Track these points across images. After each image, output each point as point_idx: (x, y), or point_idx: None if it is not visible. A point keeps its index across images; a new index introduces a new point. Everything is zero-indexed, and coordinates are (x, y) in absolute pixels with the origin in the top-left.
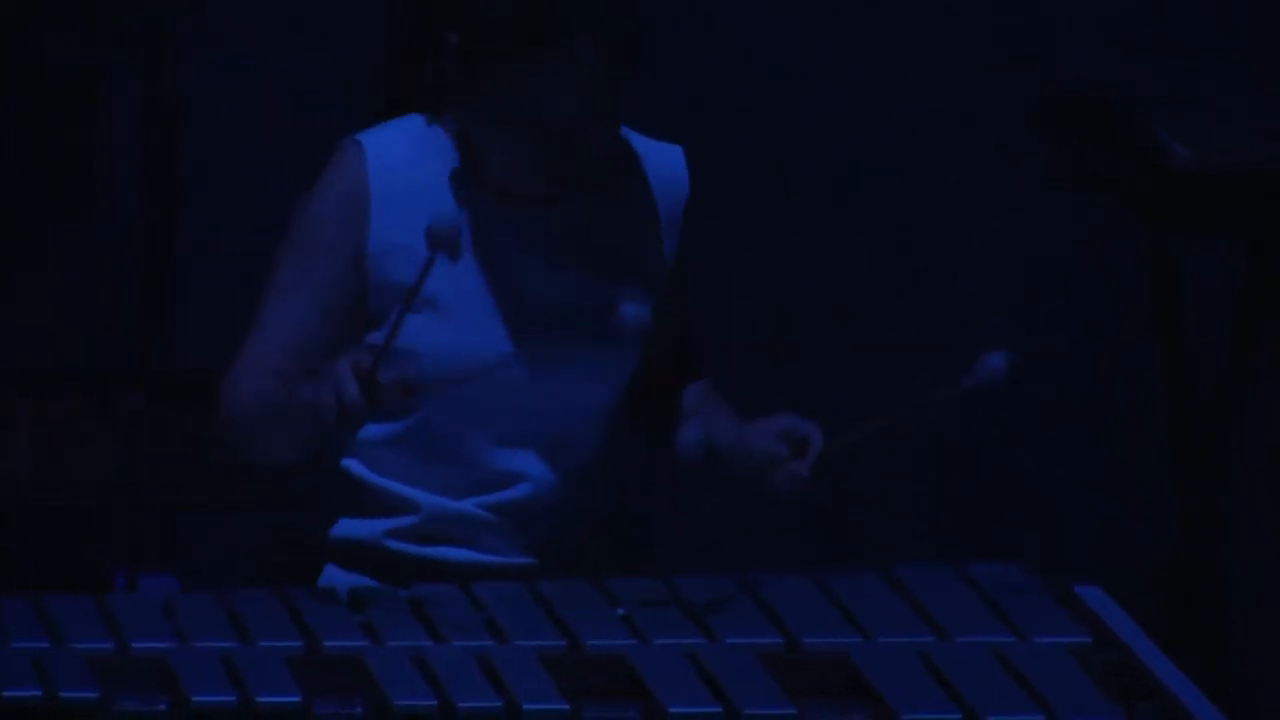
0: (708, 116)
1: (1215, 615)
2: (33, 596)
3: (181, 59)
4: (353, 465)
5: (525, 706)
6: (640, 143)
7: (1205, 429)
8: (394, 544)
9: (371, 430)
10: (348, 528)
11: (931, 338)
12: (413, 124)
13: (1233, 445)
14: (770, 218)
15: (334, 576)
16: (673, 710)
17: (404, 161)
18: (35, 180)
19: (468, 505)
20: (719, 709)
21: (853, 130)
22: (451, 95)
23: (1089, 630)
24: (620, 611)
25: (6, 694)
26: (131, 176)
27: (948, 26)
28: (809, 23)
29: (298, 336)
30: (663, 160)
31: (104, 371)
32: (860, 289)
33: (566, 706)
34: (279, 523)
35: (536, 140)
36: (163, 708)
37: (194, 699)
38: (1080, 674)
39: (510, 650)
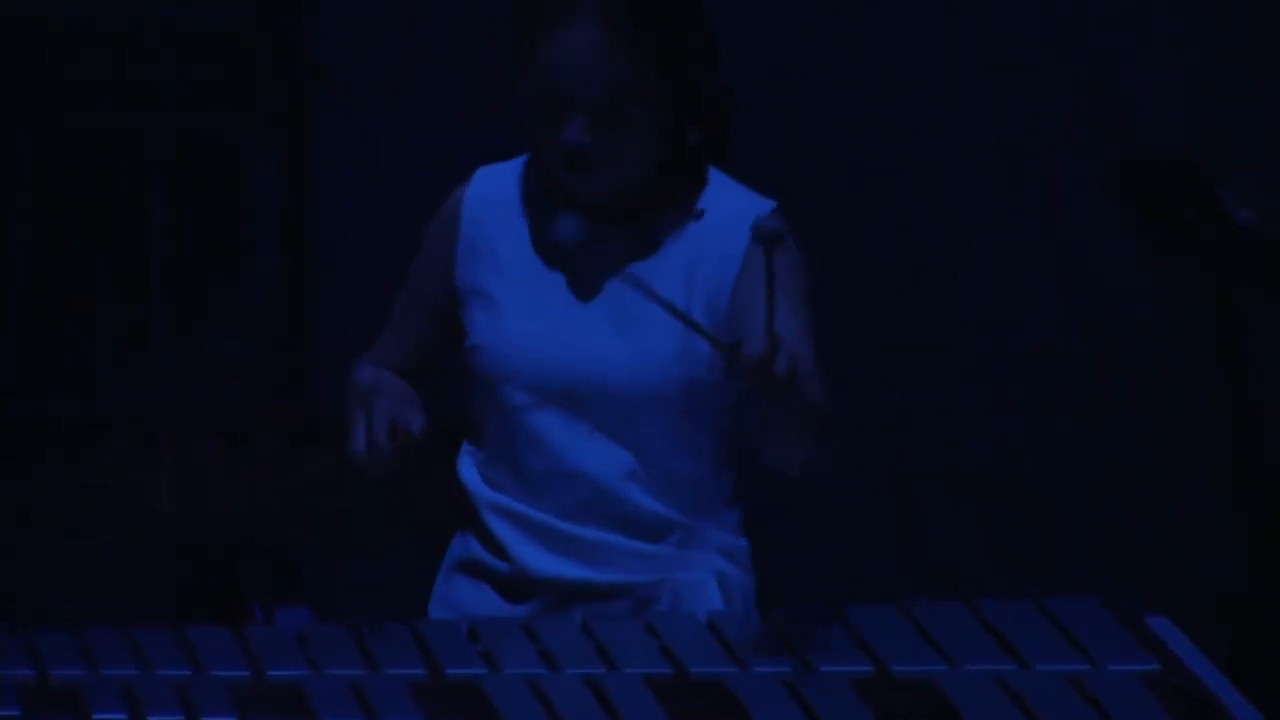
0: None
1: (1278, 645)
2: (175, 627)
3: (317, 132)
4: (468, 477)
5: None
6: (722, 187)
7: (1269, 473)
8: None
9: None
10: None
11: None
12: (525, 159)
13: None
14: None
15: (452, 591)
16: None
17: (500, 183)
18: (179, 244)
19: (536, 510)
20: None
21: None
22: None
23: (1158, 659)
24: (722, 640)
25: (150, 719)
26: (269, 241)
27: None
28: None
29: (406, 338)
30: (744, 203)
31: (243, 418)
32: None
33: None
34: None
35: (555, 136)
36: None
37: None
38: (1150, 700)
39: (620, 677)
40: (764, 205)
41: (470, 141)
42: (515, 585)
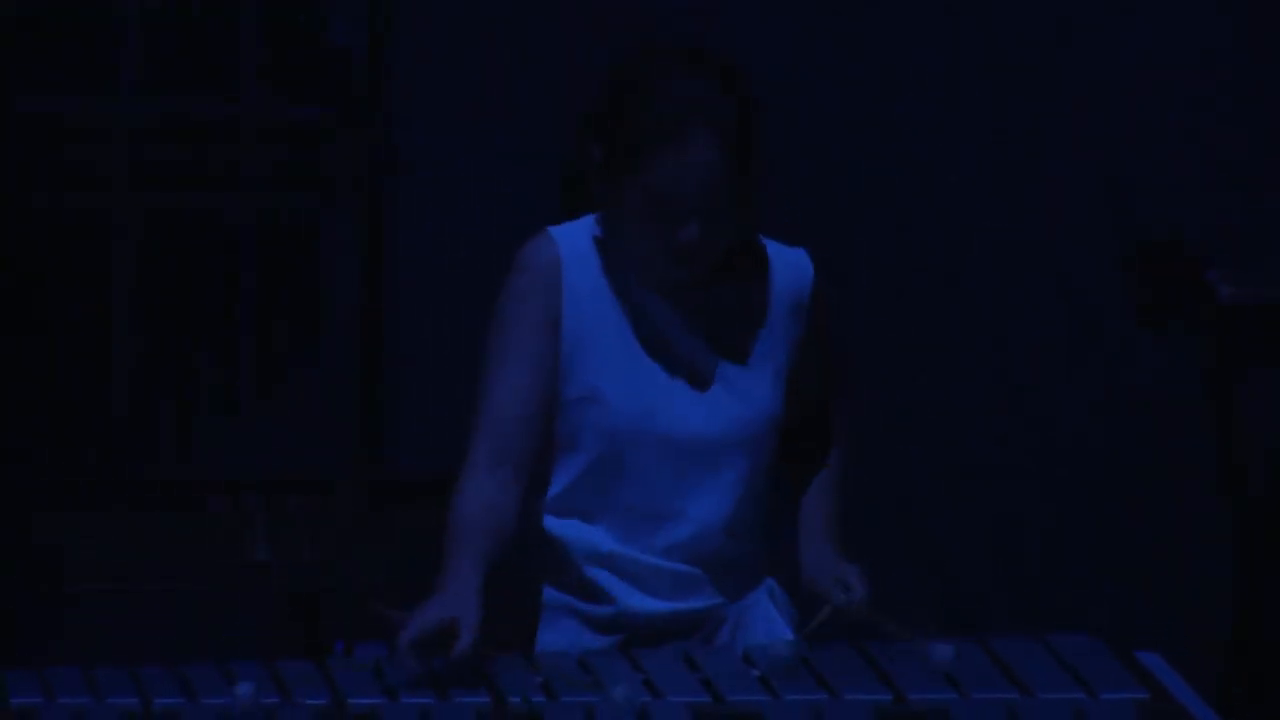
0: None
1: (1262, 680)
2: (267, 662)
3: (391, 213)
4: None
5: None
6: (770, 245)
7: (1256, 521)
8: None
9: (558, 484)
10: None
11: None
12: (586, 221)
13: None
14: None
15: (559, 635)
16: None
17: (584, 242)
18: (267, 319)
19: (649, 556)
20: None
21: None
22: (602, 199)
23: (1148, 689)
24: (756, 672)
25: None
26: (348, 314)
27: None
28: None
29: (517, 400)
30: (788, 260)
31: (328, 477)
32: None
33: None
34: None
35: (666, 236)
36: None
37: None
38: None
39: (665, 705)
40: (800, 254)
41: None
42: (614, 623)
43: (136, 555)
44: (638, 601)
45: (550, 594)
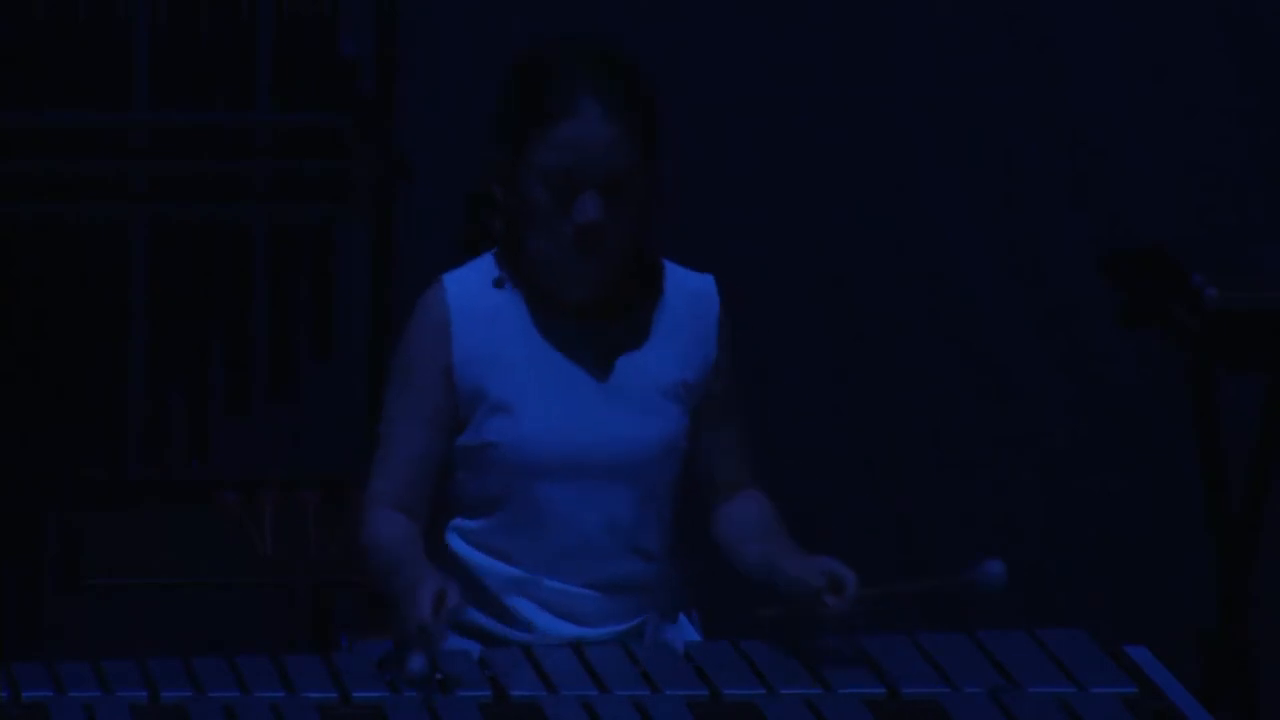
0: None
1: (1245, 673)
2: (272, 656)
3: (402, 222)
4: (455, 544)
5: None
6: (672, 271)
7: (1238, 517)
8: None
9: (470, 520)
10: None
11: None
12: (485, 261)
13: (1261, 531)
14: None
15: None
16: None
17: (477, 289)
18: (279, 323)
19: (557, 583)
20: None
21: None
22: (504, 214)
23: (1136, 683)
24: (750, 666)
25: None
26: (358, 320)
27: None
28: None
29: (413, 453)
30: (693, 287)
31: (339, 476)
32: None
33: None
34: None
35: (567, 223)
36: None
37: None
38: (1130, 719)
39: (663, 699)
40: (706, 280)
41: None
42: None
43: (150, 551)
44: (556, 627)
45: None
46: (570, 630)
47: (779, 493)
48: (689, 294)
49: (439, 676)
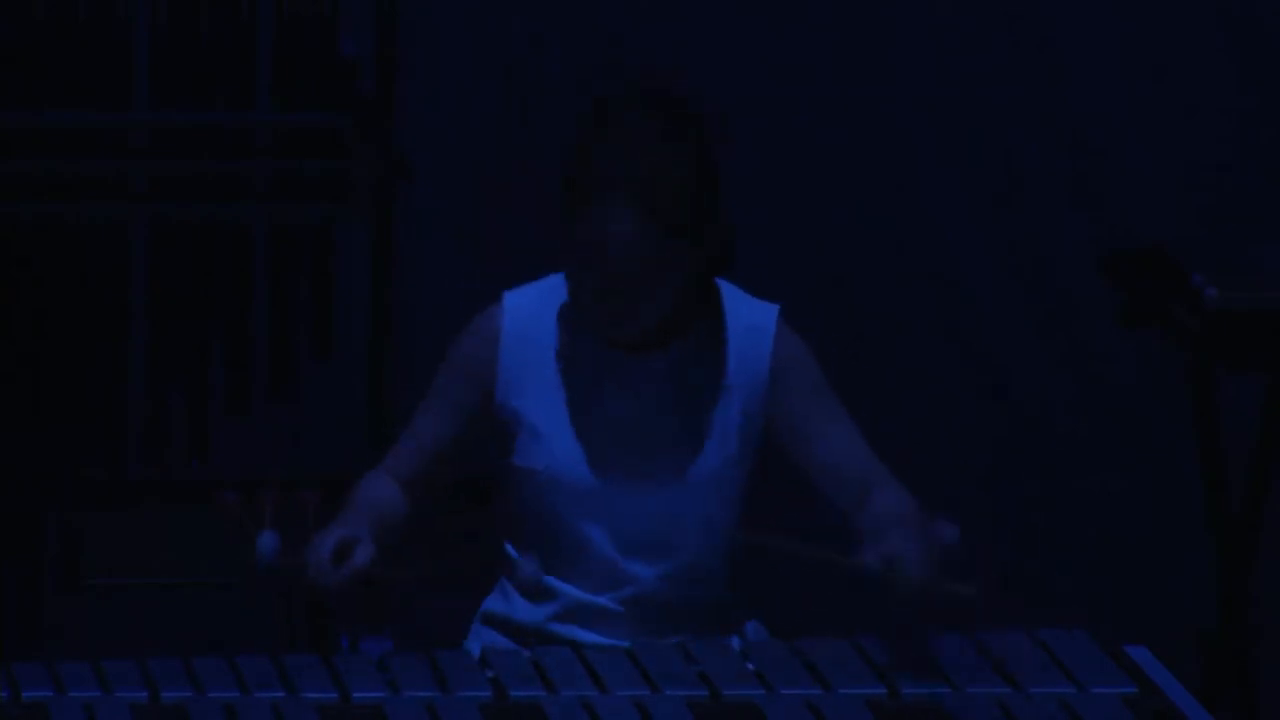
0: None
1: (1245, 673)
2: (272, 656)
3: (402, 222)
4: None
5: None
6: (733, 301)
7: (1238, 518)
8: (538, 623)
9: (519, 537)
10: (499, 604)
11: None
12: (553, 282)
13: (1261, 531)
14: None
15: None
16: None
17: (531, 310)
18: (280, 323)
19: (595, 598)
20: None
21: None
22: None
23: (1136, 683)
24: (752, 666)
25: None
26: (358, 320)
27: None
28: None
29: (430, 443)
30: (751, 318)
31: (339, 476)
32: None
33: None
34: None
35: (598, 289)
36: None
37: None
38: (1130, 718)
39: (661, 699)
40: (770, 309)
41: (536, 225)
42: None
43: (150, 551)
44: (591, 638)
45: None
46: (608, 641)
47: (778, 493)
48: (744, 325)
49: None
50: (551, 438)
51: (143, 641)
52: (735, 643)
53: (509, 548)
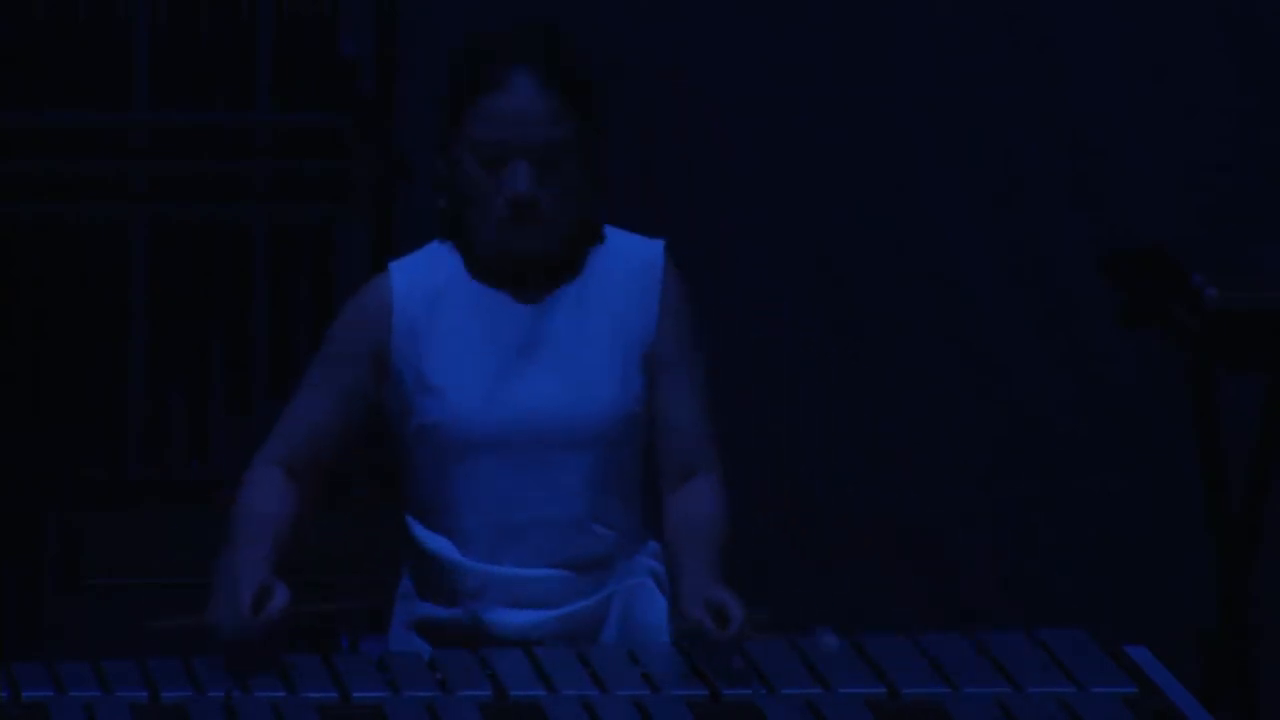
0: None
1: (1245, 673)
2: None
3: (402, 210)
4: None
5: None
6: (618, 238)
7: (1238, 518)
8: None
9: (422, 508)
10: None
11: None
12: (434, 247)
13: (1261, 531)
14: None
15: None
16: None
17: (420, 273)
18: (280, 321)
19: (511, 562)
20: None
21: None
22: (448, 190)
23: (1136, 683)
24: (751, 666)
25: None
26: None
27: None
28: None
29: (315, 425)
30: (639, 251)
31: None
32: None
33: None
34: None
35: (501, 193)
36: None
37: None
38: (1130, 718)
39: (661, 699)
40: (654, 245)
41: None
42: (474, 637)
43: (150, 551)
44: (499, 615)
45: (405, 606)
46: (517, 617)
47: (778, 492)
48: (635, 262)
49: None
50: (450, 388)
51: (143, 641)
52: (648, 588)
53: (412, 523)
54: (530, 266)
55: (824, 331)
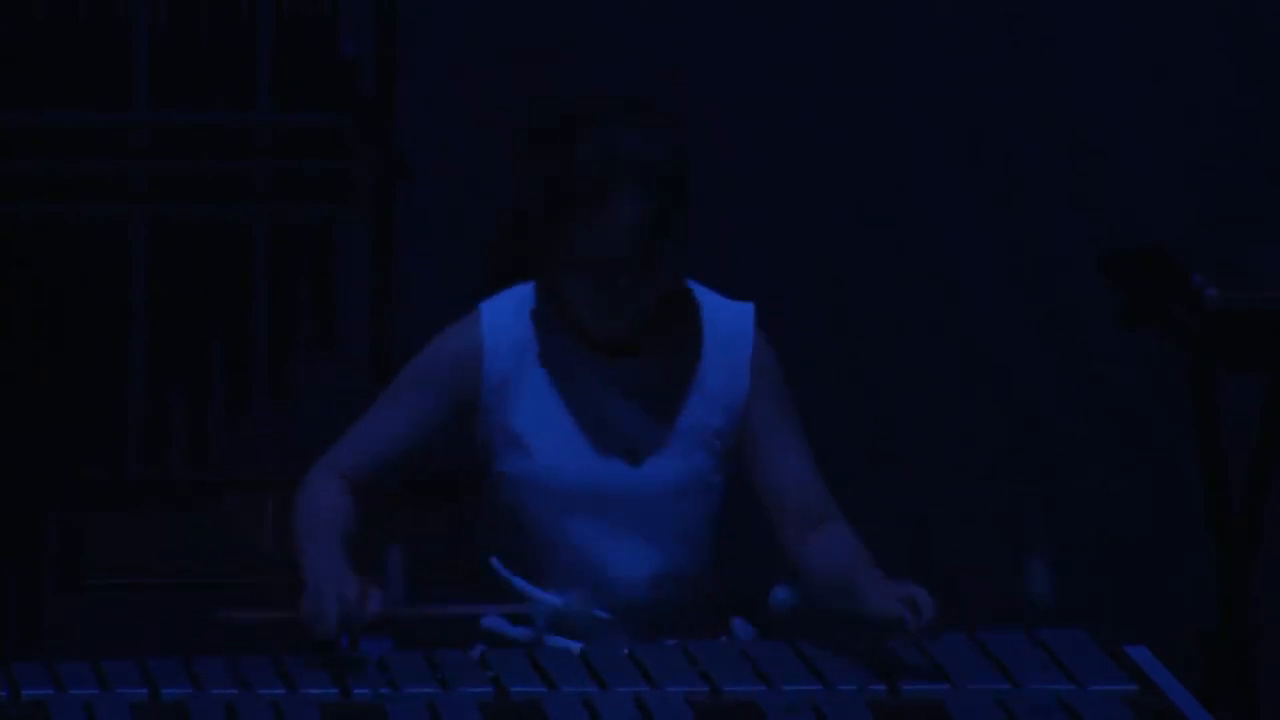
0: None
1: (1245, 673)
2: (273, 654)
3: (401, 221)
4: (497, 566)
5: None
6: (709, 305)
7: (1238, 518)
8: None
9: (505, 551)
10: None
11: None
12: (523, 290)
13: (1261, 530)
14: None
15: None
16: None
17: (512, 321)
18: (279, 323)
19: (583, 606)
20: None
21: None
22: (539, 260)
23: (1136, 682)
24: (752, 664)
25: None
26: (358, 320)
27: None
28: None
29: (383, 448)
30: (727, 324)
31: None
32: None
33: None
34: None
35: (600, 289)
36: None
37: None
38: (1129, 717)
39: (663, 695)
40: (746, 308)
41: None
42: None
43: (150, 551)
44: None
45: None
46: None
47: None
48: (723, 332)
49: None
50: (535, 442)
51: (143, 641)
52: (733, 641)
53: (494, 562)
54: (621, 339)
55: (824, 331)
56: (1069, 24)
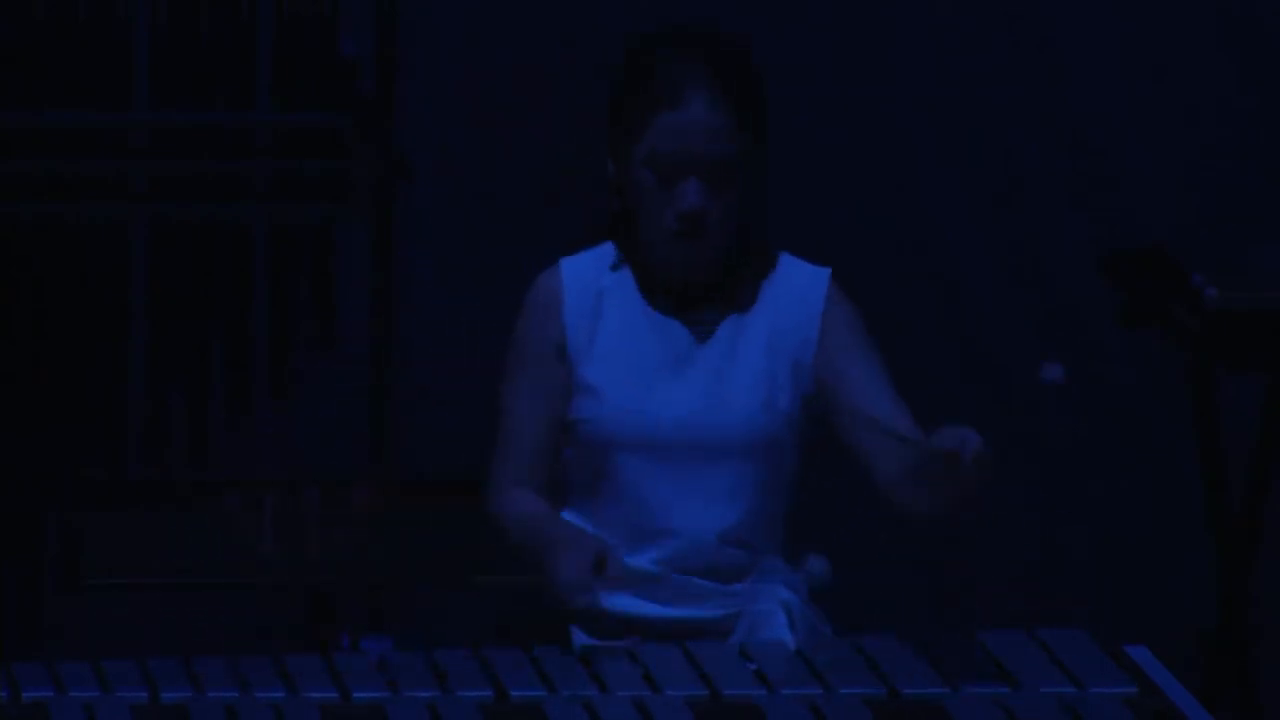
0: None
1: (1245, 673)
2: (274, 656)
3: (402, 221)
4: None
5: None
6: (786, 262)
7: (1238, 518)
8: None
9: (576, 498)
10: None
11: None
12: (605, 247)
13: (1261, 530)
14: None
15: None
16: None
17: (591, 272)
18: (280, 323)
19: (647, 564)
20: None
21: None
22: (619, 194)
23: (1136, 683)
24: (752, 666)
25: None
26: (359, 319)
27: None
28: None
29: (535, 434)
30: (803, 280)
31: (341, 476)
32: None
33: None
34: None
35: (672, 205)
36: None
37: None
38: (1130, 718)
39: (664, 699)
40: (819, 272)
41: (535, 228)
42: (608, 625)
43: (150, 551)
44: (641, 608)
45: None
46: (656, 611)
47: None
48: (797, 291)
49: None
50: (604, 389)
51: (143, 641)
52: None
53: (564, 515)
54: (695, 289)
55: None
56: (1069, 24)
